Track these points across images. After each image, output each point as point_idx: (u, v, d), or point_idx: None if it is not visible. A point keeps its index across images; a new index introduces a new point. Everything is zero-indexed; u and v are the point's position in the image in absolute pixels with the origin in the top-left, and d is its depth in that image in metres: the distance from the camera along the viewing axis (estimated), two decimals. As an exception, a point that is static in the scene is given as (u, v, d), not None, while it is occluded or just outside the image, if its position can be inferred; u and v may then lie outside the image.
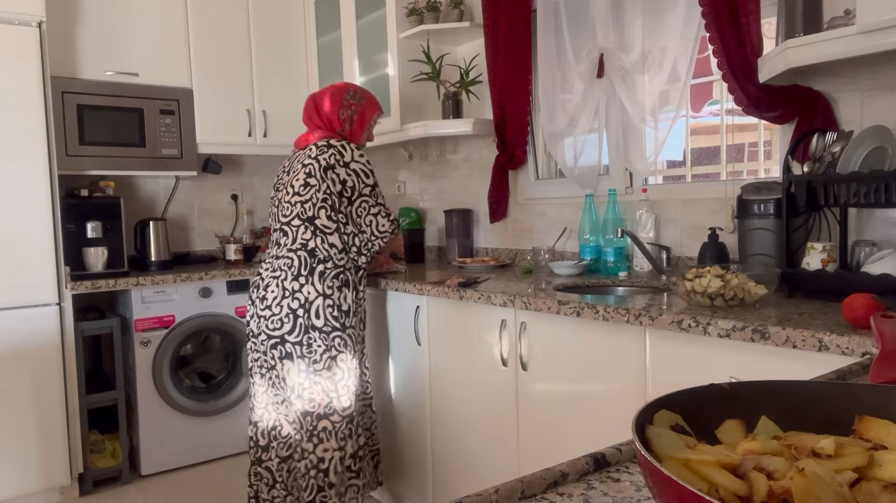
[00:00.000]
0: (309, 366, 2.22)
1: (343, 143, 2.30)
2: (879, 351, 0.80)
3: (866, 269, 1.61)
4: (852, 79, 1.84)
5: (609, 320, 1.69)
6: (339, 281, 2.26)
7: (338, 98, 2.43)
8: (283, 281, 2.22)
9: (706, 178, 2.45)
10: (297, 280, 2.21)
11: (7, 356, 2.73)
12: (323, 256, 2.23)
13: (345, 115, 2.42)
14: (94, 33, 3.10)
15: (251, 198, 3.96)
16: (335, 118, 2.41)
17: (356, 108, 2.46)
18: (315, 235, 2.24)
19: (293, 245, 2.25)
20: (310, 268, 2.22)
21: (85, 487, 2.96)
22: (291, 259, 2.23)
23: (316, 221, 2.24)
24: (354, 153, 2.30)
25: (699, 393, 0.57)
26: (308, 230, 2.24)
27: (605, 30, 2.41)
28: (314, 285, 2.21)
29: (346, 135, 2.43)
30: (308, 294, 2.20)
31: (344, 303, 2.26)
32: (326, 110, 2.41)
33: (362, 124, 2.47)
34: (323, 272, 2.23)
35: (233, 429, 3.32)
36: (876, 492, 0.43)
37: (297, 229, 2.25)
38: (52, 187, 2.83)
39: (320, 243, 2.24)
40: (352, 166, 2.28)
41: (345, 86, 2.49)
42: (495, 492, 0.60)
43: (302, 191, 2.25)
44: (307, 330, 2.21)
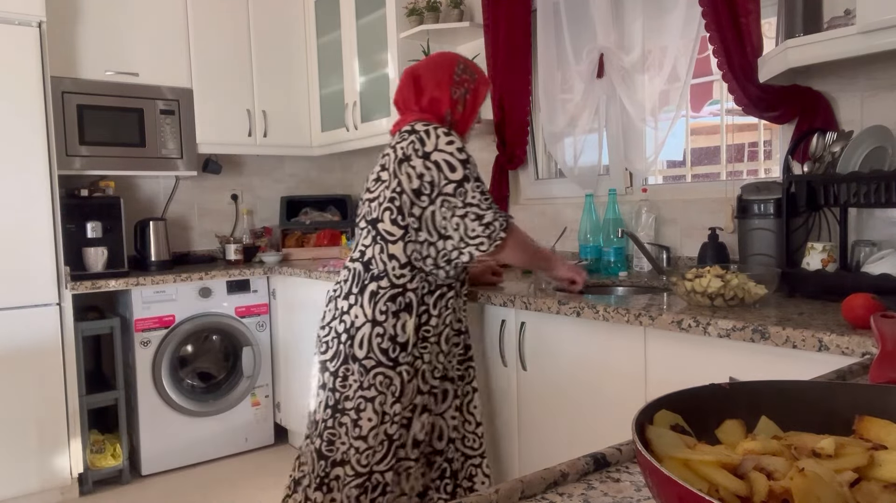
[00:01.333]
0: (339, 402, 1.83)
1: (428, 129, 1.81)
2: (879, 351, 0.80)
3: (866, 269, 1.61)
4: (852, 79, 1.84)
5: (609, 320, 1.69)
6: (396, 304, 1.80)
7: (447, 73, 1.93)
8: (338, 298, 1.87)
9: (706, 178, 2.45)
10: (348, 299, 1.84)
11: (7, 356, 2.73)
12: (377, 272, 1.81)
13: (458, 94, 1.93)
14: (94, 33, 3.10)
15: (251, 198, 3.96)
16: (445, 99, 1.91)
17: (469, 84, 1.95)
18: (375, 243, 1.82)
19: (354, 253, 1.90)
20: (362, 286, 1.82)
21: (85, 487, 2.96)
22: (350, 271, 1.87)
23: (379, 225, 1.82)
24: (440, 140, 1.79)
25: (699, 393, 0.57)
26: (370, 236, 1.85)
27: (605, 30, 2.41)
28: (363, 307, 1.80)
29: (455, 120, 1.94)
30: (355, 317, 1.80)
31: (401, 334, 1.80)
32: (433, 90, 1.91)
33: (475, 105, 1.98)
34: (375, 292, 1.80)
35: (233, 429, 3.32)
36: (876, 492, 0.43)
37: (361, 233, 1.89)
38: (52, 187, 2.83)
39: (378, 253, 1.82)
40: (433, 157, 1.78)
41: (452, 57, 1.98)
42: (495, 493, 0.60)
43: (373, 187, 1.87)
44: (347, 360, 1.81)
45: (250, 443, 3.39)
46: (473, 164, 1.81)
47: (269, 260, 3.51)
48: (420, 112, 1.91)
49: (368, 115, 3.34)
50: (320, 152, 3.79)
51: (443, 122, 1.90)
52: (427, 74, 1.93)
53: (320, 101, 3.71)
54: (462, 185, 1.77)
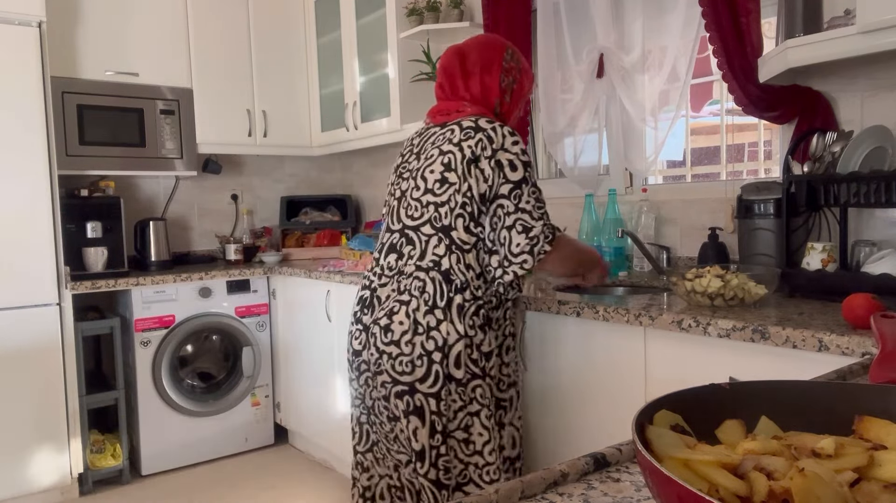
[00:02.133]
0: (445, 426, 1.65)
1: (495, 126, 1.65)
2: (879, 351, 0.80)
3: (866, 269, 1.61)
4: (852, 79, 1.84)
5: (609, 320, 1.69)
6: (481, 318, 1.66)
7: (498, 57, 1.75)
8: (416, 311, 1.64)
9: (706, 178, 2.45)
10: (434, 313, 1.63)
11: (7, 356, 2.73)
12: (460, 283, 1.64)
13: (506, 83, 1.75)
14: (94, 33, 3.10)
15: (251, 198, 3.96)
16: (495, 86, 1.74)
17: (516, 74, 1.79)
18: (450, 252, 1.65)
19: (423, 261, 1.66)
20: (447, 299, 1.64)
21: (85, 487, 2.96)
22: (424, 282, 1.65)
23: (452, 233, 1.65)
24: (507, 139, 1.64)
25: (699, 393, 0.57)
26: (442, 244, 1.65)
27: (605, 30, 2.41)
28: (454, 322, 1.63)
29: (502, 112, 1.78)
30: (447, 334, 1.62)
31: (485, 345, 1.68)
32: (482, 74, 1.74)
33: (519, 99, 1.82)
34: (462, 305, 1.64)
35: (233, 429, 3.32)
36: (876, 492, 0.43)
37: (427, 240, 1.67)
38: (52, 187, 2.82)
39: (455, 263, 1.64)
40: (498, 156, 1.62)
41: (500, 41, 1.80)
42: (495, 493, 0.60)
43: (437, 188, 1.66)
44: (445, 380, 1.62)
45: (250, 443, 3.39)
46: (533, 168, 1.70)
47: (269, 260, 3.51)
48: (470, 100, 1.75)
49: (368, 115, 3.34)
50: (320, 152, 3.79)
51: (493, 112, 1.75)
52: (475, 55, 1.75)
53: (320, 101, 3.71)
54: (519, 186, 1.63)
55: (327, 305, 2.94)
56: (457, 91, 1.76)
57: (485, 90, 1.74)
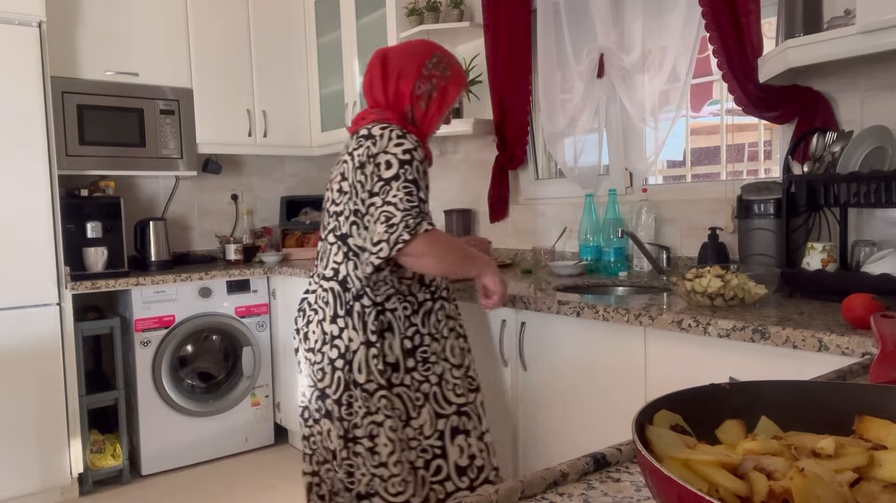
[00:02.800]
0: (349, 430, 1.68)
1: (384, 132, 1.63)
2: (879, 351, 0.80)
3: (866, 269, 1.61)
4: (852, 79, 1.84)
5: (609, 320, 1.69)
6: (380, 323, 1.66)
7: (416, 64, 1.71)
8: (323, 322, 1.70)
9: (706, 178, 2.45)
10: (336, 322, 1.67)
11: (7, 356, 2.73)
12: (357, 290, 1.66)
13: (421, 90, 1.71)
14: (94, 33, 3.10)
15: (251, 198, 3.96)
16: (407, 92, 1.70)
17: (438, 81, 1.73)
18: (347, 260, 1.67)
19: (326, 271, 1.72)
20: (347, 307, 1.67)
21: (85, 487, 2.96)
22: (327, 292, 1.70)
23: (349, 241, 1.67)
24: (391, 141, 1.61)
25: (699, 393, 0.57)
26: (340, 252, 1.69)
27: (605, 30, 2.41)
28: (356, 329, 1.65)
29: (416, 118, 1.73)
30: (349, 341, 1.66)
31: (389, 353, 1.67)
32: (397, 79, 1.71)
33: (441, 107, 1.75)
34: (361, 312, 1.65)
35: (233, 429, 3.32)
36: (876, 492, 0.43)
37: (330, 249, 1.72)
38: (52, 187, 2.83)
39: (353, 270, 1.67)
40: (378, 158, 1.60)
41: (427, 47, 1.76)
42: (495, 493, 0.60)
43: (337, 198, 1.69)
44: (348, 386, 1.66)
45: (250, 443, 3.39)
46: (416, 167, 1.60)
47: (269, 260, 3.51)
48: (384, 104, 1.73)
49: (368, 115, 3.33)
50: (320, 152, 3.79)
51: (404, 118, 1.72)
52: (395, 60, 1.72)
53: (320, 101, 3.71)
54: (389, 182, 1.58)
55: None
56: (372, 95, 1.76)
57: (396, 95, 1.71)
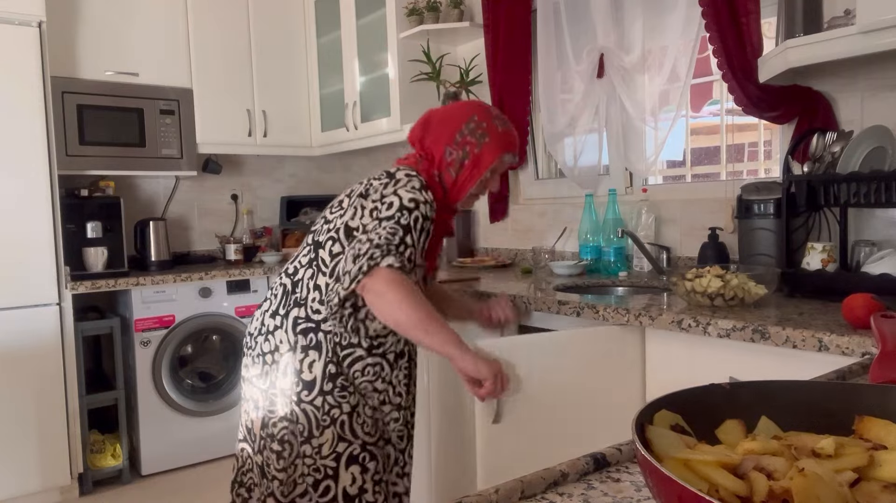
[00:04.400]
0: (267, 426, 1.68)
1: (403, 178, 1.57)
2: (879, 351, 0.80)
3: (866, 269, 1.61)
4: (852, 79, 1.84)
5: (609, 320, 1.69)
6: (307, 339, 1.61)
7: (452, 129, 1.64)
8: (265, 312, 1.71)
9: (706, 178, 2.45)
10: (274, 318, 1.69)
11: (7, 356, 2.73)
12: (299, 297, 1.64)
13: (452, 157, 1.63)
14: (94, 33, 3.10)
15: (251, 198, 3.96)
16: (438, 157, 1.64)
17: (472, 148, 1.62)
18: (309, 266, 1.66)
19: (289, 266, 1.72)
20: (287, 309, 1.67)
21: (85, 487, 2.96)
22: (279, 286, 1.71)
23: (320, 250, 1.63)
24: (404, 186, 1.54)
25: (699, 393, 0.57)
26: (308, 256, 1.66)
27: (605, 30, 2.41)
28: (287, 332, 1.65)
29: (445, 183, 1.64)
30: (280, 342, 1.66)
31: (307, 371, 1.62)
32: (432, 142, 1.65)
33: (473, 175, 1.63)
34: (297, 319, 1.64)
35: (233, 429, 3.31)
36: (876, 492, 0.43)
37: (302, 250, 1.70)
38: (52, 187, 2.83)
39: (308, 278, 1.64)
40: (387, 197, 1.54)
41: (468, 110, 1.66)
42: (495, 492, 0.60)
43: (334, 208, 1.65)
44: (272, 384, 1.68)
45: (250, 443, 3.39)
46: (416, 217, 1.51)
47: (269, 260, 3.51)
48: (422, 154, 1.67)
49: (368, 115, 3.34)
50: (320, 152, 3.79)
51: (431, 178, 1.63)
52: (435, 123, 1.67)
53: (320, 101, 3.71)
54: (381, 223, 1.49)
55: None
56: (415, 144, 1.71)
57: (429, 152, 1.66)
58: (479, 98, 3.05)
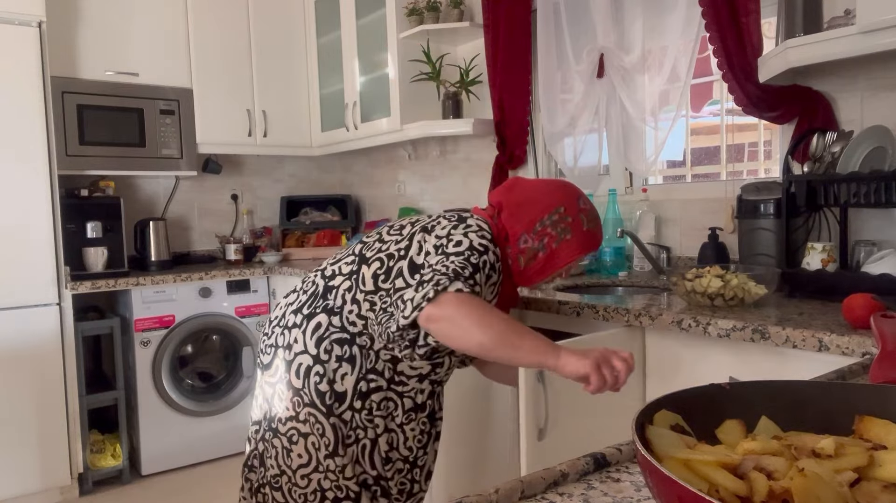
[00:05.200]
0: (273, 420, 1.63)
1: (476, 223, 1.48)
2: (879, 351, 0.80)
3: (866, 269, 1.61)
4: (852, 79, 1.84)
5: (609, 320, 1.69)
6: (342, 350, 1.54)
7: (534, 212, 1.51)
8: (289, 306, 1.65)
9: (706, 178, 2.45)
10: (295, 315, 1.64)
11: (7, 356, 2.73)
12: (333, 304, 1.57)
13: (526, 245, 1.50)
14: (94, 33, 3.10)
15: (251, 198, 3.96)
16: (513, 240, 1.51)
17: (550, 241, 1.50)
18: (349, 278, 1.56)
19: (326, 268, 1.64)
20: (311, 310, 1.62)
21: (85, 487, 2.96)
22: (312, 285, 1.65)
23: (363, 267, 1.53)
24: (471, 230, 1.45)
25: (699, 393, 0.57)
26: (350, 267, 1.57)
27: (605, 30, 2.41)
28: (305, 334, 1.60)
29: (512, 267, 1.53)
30: (294, 341, 1.62)
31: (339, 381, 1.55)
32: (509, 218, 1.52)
33: (545, 270, 1.52)
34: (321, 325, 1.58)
35: (233, 429, 3.31)
36: (876, 492, 0.43)
37: (347, 256, 1.61)
38: (52, 187, 2.83)
39: (345, 288, 1.56)
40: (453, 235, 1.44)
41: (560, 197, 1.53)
42: (495, 492, 0.60)
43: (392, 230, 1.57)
44: (284, 381, 1.63)
45: (250, 443, 3.39)
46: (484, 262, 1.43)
47: (269, 260, 3.51)
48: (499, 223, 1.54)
49: (368, 115, 3.34)
50: (320, 152, 3.79)
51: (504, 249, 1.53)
52: (517, 199, 1.53)
53: (320, 101, 3.71)
54: (449, 257, 1.39)
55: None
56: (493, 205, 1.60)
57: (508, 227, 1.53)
58: (480, 99, 3.05)
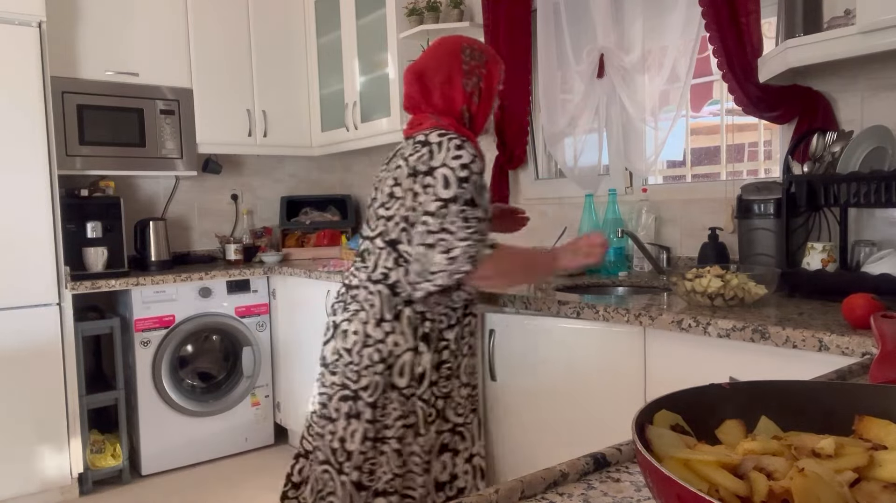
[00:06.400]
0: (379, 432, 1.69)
1: (441, 140, 1.62)
2: (879, 351, 0.80)
3: (866, 269, 1.61)
4: (852, 79, 1.84)
5: (609, 320, 1.69)
6: (420, 331, 1.69)
7: (455, 63, 1.70)
8: (366, 324, 1.68)
9: (706, 178, 2.45)
10: (381, 326, 1.67)
11: (7, 356, 2.73)
12: (407, 295, 1.67)
13: (470, 85, 1.71)
14: (94, 33, 3.10)
15: (251, 198, 3.96)
16: (458, 95, 1.71)
17: (480, 70, 1.72)
18: (398, 266, 1.66)
19: (374, 273, 1.70)
20: (396, 311, 1.67)
21: (85, 487, 2.96)
22: (373, 294, 1.69)
23: (399, 247, 1.66)
24: (450, 152, 1.60)
25: (699, 393, 0.57)
26: (391, 258, 1.67)
27: (605, 30, 2.41)
28: (403, 334, 1.67)
29: (473, 113, 1.74)
30: (394, 345, 1.67)
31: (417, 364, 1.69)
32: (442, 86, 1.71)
33: (490, 94, 1.75)
34: (411, 317, 1.68)
35: (233, 429, 3.31)
36: (876, 492, 0.43)
37: (379, 254, 1.70)
38: (52, 187, 2.82)
39: (403, 276, 1.66)
40: (436, 172, 1.60)
41: (454, 43, 1.74)
42: (495, 492, 0.60)
43: (387, 202, 1.69)
44: (386, 389, 1.68)
45: (250, 443, 3.39)
46: (474, 181, 1.61)
47: (269, 260, 3.51)
48: (435, 112, 1.72)
49: (368, 115, 3.34)
50: (320, 152, 3.79)
51: (461, 119, 1.72)
52: (432, 70, 1.71)
53: (320, 101, 3.71)
54: (447, 205, 1.57)
55: (327, 305, 2.94)
56: (420, 107, 1.76)
57: (447, 102, 1.72)
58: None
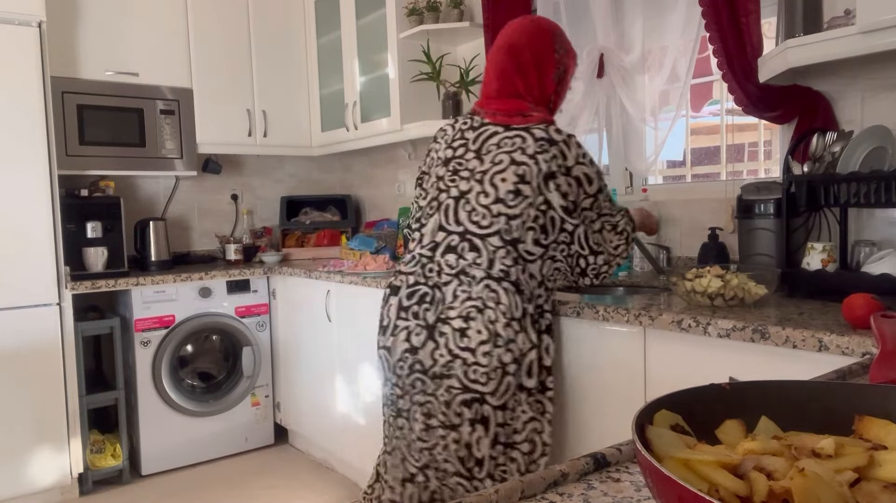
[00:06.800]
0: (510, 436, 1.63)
1: (565, 139, 1.66)
2: (879, 351, 0.80)
3: (866, 269, 1.61)
4: (852, 79, 1.84)
5: (609, 320, 1.69)
6: (542, 326, 1.68)
7: (550, 52, 1.71)
8: (494, 323, 1.58)
9: (706, 178, 2.45)
10: (511, 325, 1.59)
11: (7, 356, 2.73)
12: (529, 293, 1.65)
13: (556, 76, 1.73)
14: (94, 33, 3.10)
15: (251, 198, 3.96)
16: (550, 83, 1.72)
17: (565, 61, 1.76)
18: (517, 264, 1.63)
19: (492, 271, 1.62)
20: (522, 310, 1.62)
21: (85, 487, 2.96)
22: (497, 293, 1.60)
23: (519, 246, 1.63)
24: (577, 151, 1.67)
25: (699, 393, 0.57)
26: (510, 256, 1.62)
27: (605, 30, 2.41)
28: (528, 332, 1.63)
29: (555, 101, 1.79)
30: (523, 344, 1.61)
31: (545, 356, 1.67)
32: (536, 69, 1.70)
33: (564, 90, 1.80)
34: (533, 315, 1.65)
35: (233, 429, 3.31)
36: (876, 492, 0.43)
37: (495, 251, 1.62)
38: (52, 187, 2.82)
39: (522, 273, 1.63)
40: (574, 172, 1.66)
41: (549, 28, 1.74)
42: (495, 492, 0.60)
43: (511, 200, 1.62)
44: (516, 391, 1.62)
45: (250, 443, 3.39)
46: (600, 170, 1.76)
47: (269, 260, 3.51)
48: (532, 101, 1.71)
49: (368, 115, 3.34)
50: (320, 152, 3.79)
51: (547, 108, 1.75)
52: (528, 52, 1.69)
53: (320, 101, 3.71)
54: (596, 197, 1.72)
55: (327, 305, 2.94)
56: (515, 90, 1.71)
57: (542, 88, 1.73)
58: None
